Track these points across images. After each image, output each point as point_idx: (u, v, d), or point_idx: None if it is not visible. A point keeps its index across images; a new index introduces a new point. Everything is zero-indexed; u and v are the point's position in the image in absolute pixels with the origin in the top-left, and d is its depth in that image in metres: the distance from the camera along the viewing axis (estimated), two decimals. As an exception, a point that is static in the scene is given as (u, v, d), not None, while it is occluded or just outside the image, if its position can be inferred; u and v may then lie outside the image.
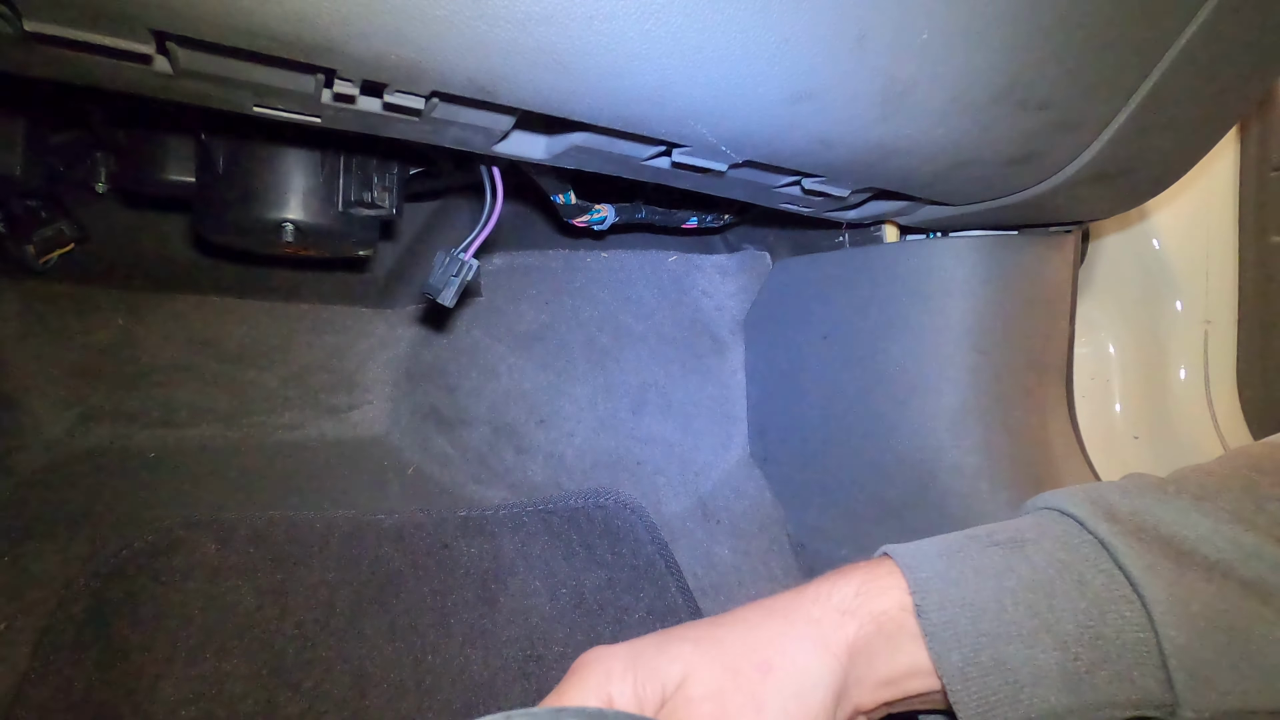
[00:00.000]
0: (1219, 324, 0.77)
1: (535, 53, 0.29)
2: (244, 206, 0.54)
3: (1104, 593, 0.32)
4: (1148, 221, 0.77)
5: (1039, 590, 0.32)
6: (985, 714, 0.31)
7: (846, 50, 0.32)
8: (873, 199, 0.53)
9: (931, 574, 0.33)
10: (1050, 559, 0.33)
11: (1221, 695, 0.30)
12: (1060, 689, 0.31)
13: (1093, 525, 0.33)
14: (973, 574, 0.33)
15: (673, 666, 0.32)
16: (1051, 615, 0.32)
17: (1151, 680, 0.31)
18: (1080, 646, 0.31)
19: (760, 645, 0.32)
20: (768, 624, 0.33)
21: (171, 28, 0.27)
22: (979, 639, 0.31)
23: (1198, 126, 0.45)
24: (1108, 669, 0.31)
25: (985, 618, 0.32)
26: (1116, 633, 0.31)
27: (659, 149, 0.41)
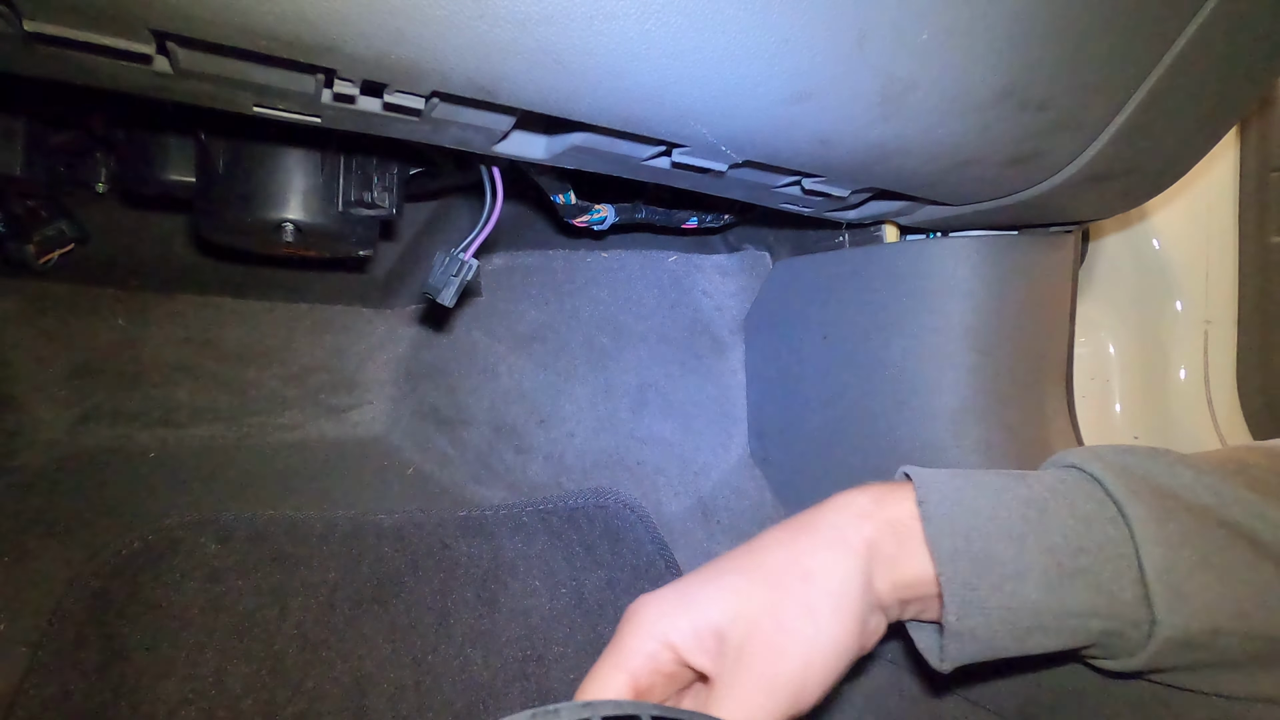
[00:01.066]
0: (1219, 324, 0.77)
1: (536, 53, 0.29)
2: (244, 206, 0.54)
3: (1093, 514, 0.34)
4: (1148, 222, 0.77)
5: (1033, 505, 0.35)
6: (967, 597, 0.33)
7: (846, 50, 0.32)
8: (873, 199, 0.53)
9: (937, 481, 0.36)
10: (1046, 486, 0.36)
11: (1194, 613, 0.32)
12: (1041, 587, 0.33)
13: (1087, 467, 0.36)
14: (974, 487, 0.36)
15: (724, 597, 0.35)
16: (1042, 525, 0.34)
17: (1129, 594, 0.33)
18: (1064, 555, 0.34)
19: (798, 558, 0.35)
20: (799, 539, 0.36)
21: (172, 28, 0.27)
22: (971, 531, 0.34)
23: (1198, 126, 0.45)
24: (1088, 578, 0.33)
25: (980, 517, 0.35)
26: (1099, 547, 0.34)
27: (659, 149, 0.41)
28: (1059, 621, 0.34)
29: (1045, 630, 0.34)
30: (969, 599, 0.34)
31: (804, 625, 0.33)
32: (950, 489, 0.36)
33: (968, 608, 0.34)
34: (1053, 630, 0.34)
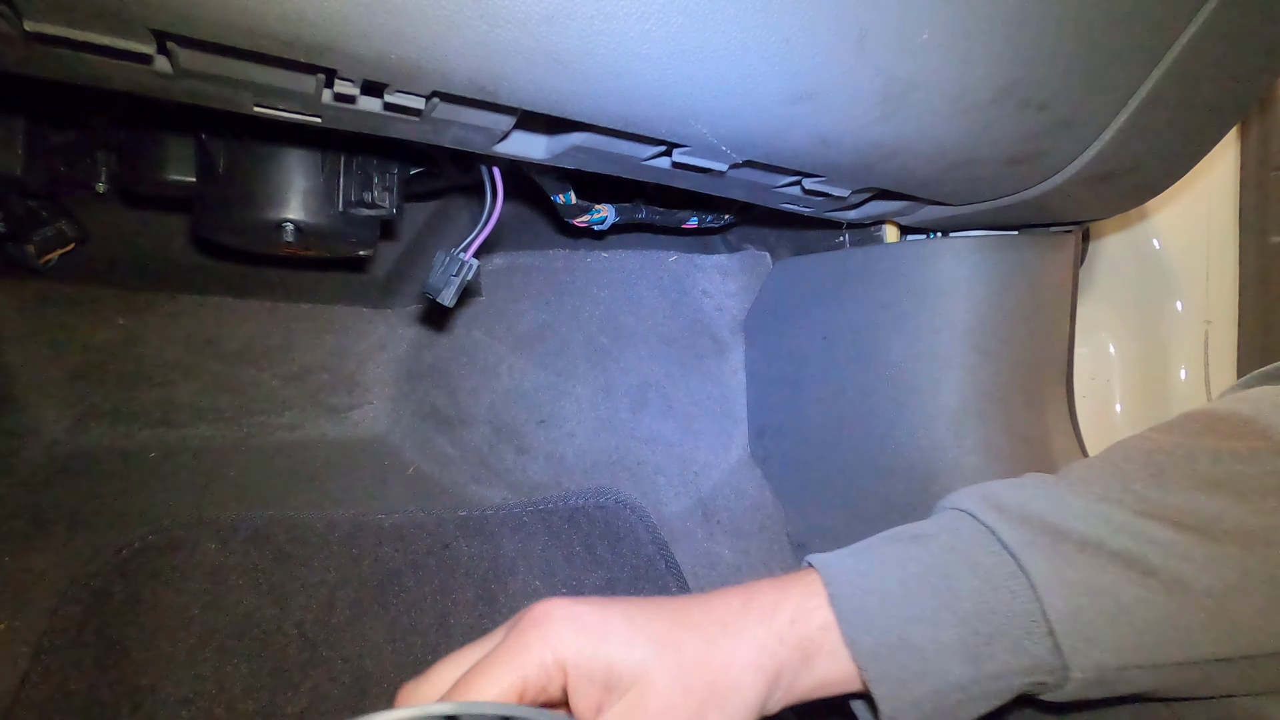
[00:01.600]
0: (1219, 324, 0.77)
1: (536, 53, 0.29)
2: (244, 206, 0.54)
3: (994, 570, 0.35)
4: (1148, 222, 0.77)
5: (937, 573, 0.36)
6: (897, 692, 0.34)
7: (847, 50, 0.32)
8: (873, 199, 0.53)
9: (843, 569, 0.37)
10: (945, 547, 0.37)
11: (1102, 653, 0.33)
12: (962, 661, 0.34)
13: (982, 515, 0.37)
14: (879, 565, 0.37)
15: (631, 665, 0.34)
16: (950, 594, 0.35)
17: (1041, 647, 0.34)
18: (978, 621, 0.34)
19: (711, 665, 0.35)
20: (721, 643, 0.35)
21: (172, 27, 0.27)
22: (888, 622, 0.35)
23: (1198, 127, 0.45)
24: (1003, 640, 0.34)
25: (891, 602, 0.35)
26: (1007, 605, 0.34)
27: (659, 149, 0.41)
28: (983, 687, 0.35)
29: (974, 699, 0.35)
30: (899, 694, 0.35)
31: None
32: (855, 574, 0.36)
33: (899, 703, 0.35)
34: (979, 696, 0.35)
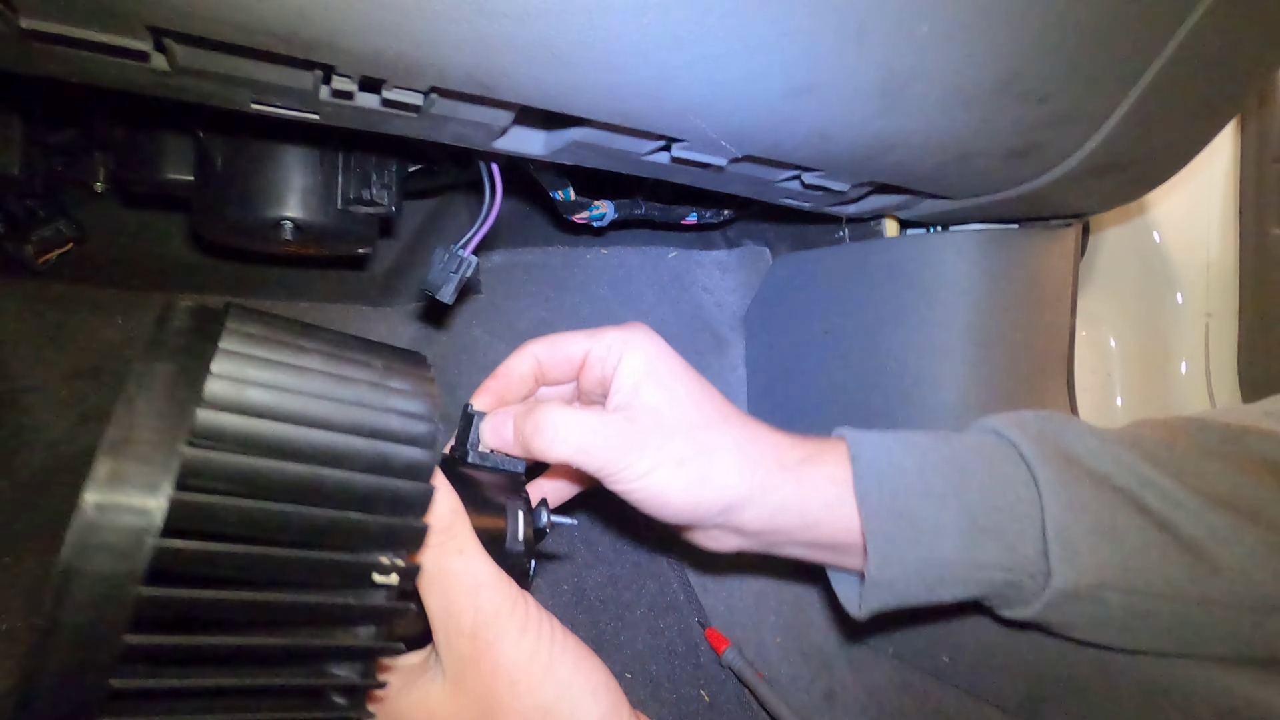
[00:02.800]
0: (1220, 317, 0.77)
1: (533, 47, 0.29)
2: (243, 205, 0.54)
3: (1007, 474, 0.38)
4: (1148, 214, 0.77)
5: (954, 464, 0.38)
6: (888, 551, 0.37)
7: (846, 43, 0.31)
8: (873, 193, 0.53)
9: (869, 439, 0.40)
10: (968, 446, 0.39)
11: (1084, 570, 0.36)
12: (956, 543, 0.37)
13: (1007, 433, 0.40)
14: (902, 445, 0.39)
15: (651, 384, 0.40)
16: (961, 484, 0.38)
17: (1032, 549, 0.36)
18: (980, 513, 0.37)
19: (710, 429, 0.40)
20: (726, 430, 0.41)
21: (168, 24, 0.27)
22: (897, 489, 0.38)
23: (1198, 118, 0.44)
24: (999, 534, 0.37)
25: (906, 475, 0.38)
26: (1011, 505, 0.37)
27: (658, 144, 0.41)
28: (968, 573, 0.37)
29: (955, 581, 0.37)
30: (889, 553, 0.37)
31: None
32: (881, 448, 0.39)
33: (888, 560, 0.37)
34: (961, 581, 0.37)
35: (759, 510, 0.39)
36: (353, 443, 0.27)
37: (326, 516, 0.26)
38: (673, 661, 0.69)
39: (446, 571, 0.32)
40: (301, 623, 0.28)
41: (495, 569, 0.33)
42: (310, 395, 0.27)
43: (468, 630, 0.31)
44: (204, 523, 0.24)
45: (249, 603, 0.25)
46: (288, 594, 0.26)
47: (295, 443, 0.26)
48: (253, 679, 0.26)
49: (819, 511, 0.39)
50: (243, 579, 0.25)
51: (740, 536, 0.41)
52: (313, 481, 0.26)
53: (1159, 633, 0.38)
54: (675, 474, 0.38)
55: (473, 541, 0.32)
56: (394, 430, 0.28)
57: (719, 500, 0.38)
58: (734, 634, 0.70)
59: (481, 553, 0.33)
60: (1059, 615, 0.38)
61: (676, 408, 0.39)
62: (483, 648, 0.31)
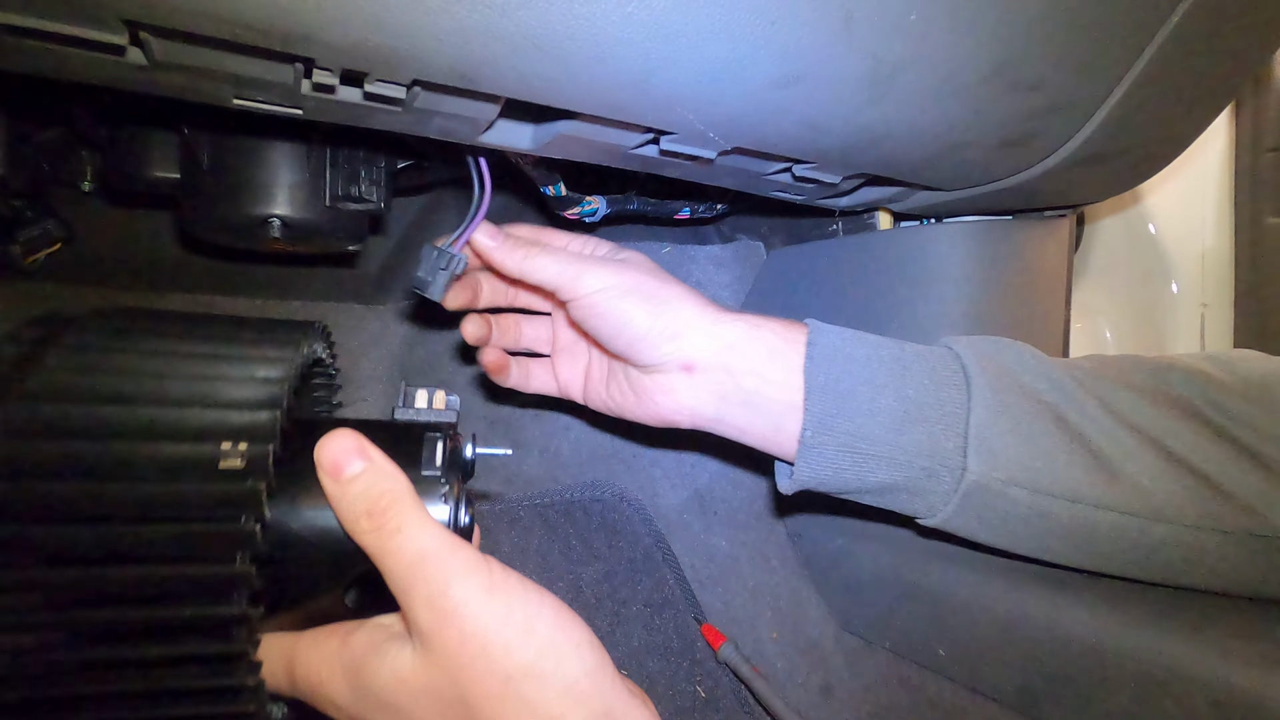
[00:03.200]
0: (1215, 307, 0.76)
1: (515, 37, 0.28)
2: (230, 202, 0.53)
3: (946, 379, 0.42)
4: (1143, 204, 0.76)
5: (901, 363, 0.43)
6: (823, 421, 0.41)
7: (833, 32, 0.31)
8: (865, 185, 0.53)
9: (830, 329, 0.44)
10: (917, 353, 0.44)
11: (996, 465, 0.40)
12: (886, 427, 0.41)
13: (954, 346, 0.44)
14: (857, 340, 0.44)
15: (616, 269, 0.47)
16: (902, 379, 0.42)
17: (952, 445, 0.41)
18: (914, 405, 0.41)
19: (673, 286, 0.47)
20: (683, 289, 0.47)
21: (143, 17, 0.27)
22: (842, 374, 0.42)
23: (1192, 106, 0.44)
24: (926, 426, 0.41)
25: (854, 363, 0.42)
26: (941, 404, 0.41)
27: (647, 136, 0.40)
28: (893, 454, 0.41)
29: (880, 460, 0.41)
30: (824, 422, 0.41)
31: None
32: (836, 336, 0.44)
33: (820, 430, 0.41)
34: (886, 461, 0.41)
35: (709, 342, 0.44)
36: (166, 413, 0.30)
37: (146, 532, 0.29)
38: (669, 658, 0.69)
39: (387, 553, 0.31)
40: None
41: (443, 537, 0.32)
42: (115, 406, 0.30)
43: (424, 602, 0.31)
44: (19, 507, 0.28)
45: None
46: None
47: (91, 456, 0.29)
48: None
49: (764, 360, 0.43)
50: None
51: (689, 381, 0.45)
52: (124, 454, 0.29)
53: (1057, 534, 0.41)
54: (634, 293, 0.44)
55: (409, 516, 0.32)
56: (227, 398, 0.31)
57: (675, 319, 0.44)
58: (730, 630, 0.70)
59: (423, 523, 0.32)
60: (969, 517, 0.42)
61: (640, 260, 0.48)
62: (444, 617, 0.30)
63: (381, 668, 0.31)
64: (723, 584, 0.73)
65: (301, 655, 0.33)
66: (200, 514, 0.29)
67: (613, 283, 0.44)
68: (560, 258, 0.45)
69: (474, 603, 0.31)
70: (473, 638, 0.30)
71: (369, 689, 0.32)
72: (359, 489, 0.32)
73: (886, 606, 0.58)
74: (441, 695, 0.31)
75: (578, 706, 0.30)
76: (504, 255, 0.46)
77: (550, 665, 0.31)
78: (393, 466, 0.34)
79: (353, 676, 0.32)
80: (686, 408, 0.46)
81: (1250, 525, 0.39)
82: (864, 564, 0.61)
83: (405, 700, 0.31)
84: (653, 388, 0.46)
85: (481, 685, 0.30)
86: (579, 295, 0.45)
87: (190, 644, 0.30)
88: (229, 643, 0.30)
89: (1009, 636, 0.48)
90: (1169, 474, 0.40)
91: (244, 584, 0.29)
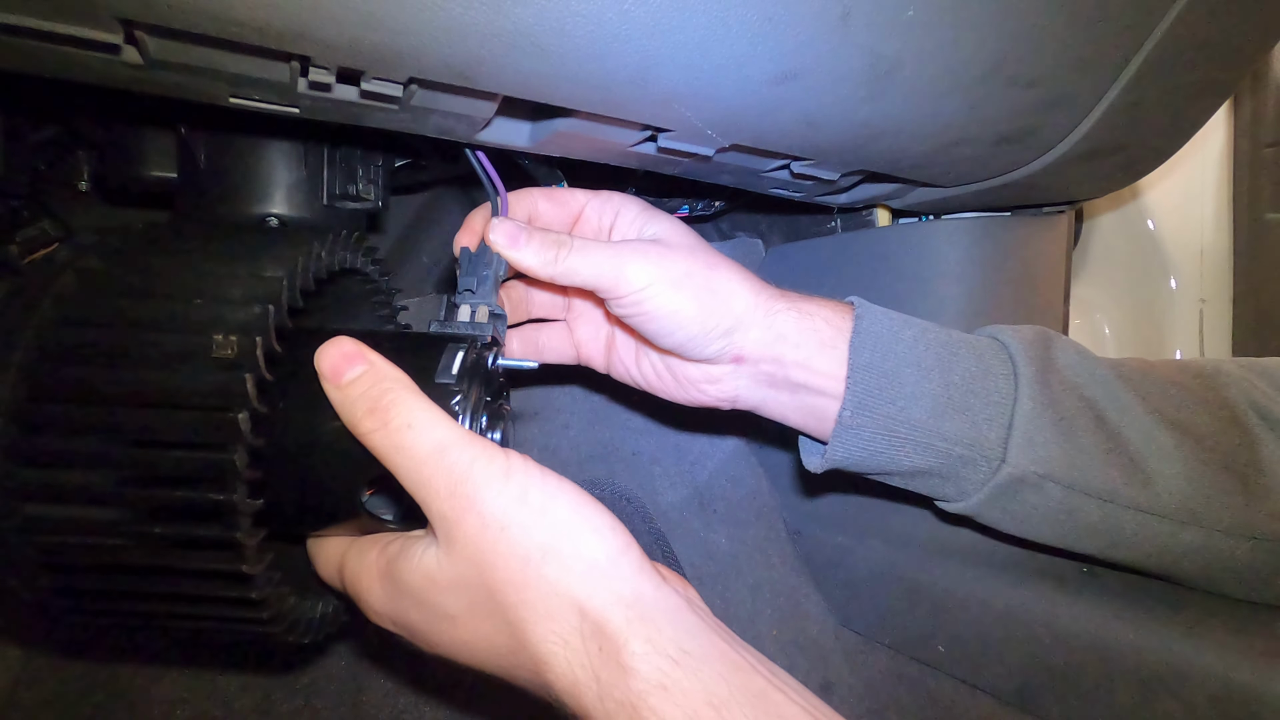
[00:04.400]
0: (1214, 303, 0.76)
1: (512, 35, 0.28)
2: (227, 201, 0.53)
3: (993, 367, 0.41)
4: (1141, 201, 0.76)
5: (949, 348, 0.42)
6: (864, 400, 0.40)
7: (830, 28, 0.31)
8: (863, 182, 0.53)
9: (877, 310, 0.43)
10: (963, 339, 0.43)
11: (1035, 459, 0.39)
12: (929, 410, 0.40)
13: (1001, 335, 0.44)
14: (905, 322, 0.43)
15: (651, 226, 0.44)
16: (949, 363, 0.41)
17: (994, 434, 0.40)
18: (958, 391, 0.41)
19: (718, 265, 0.43)
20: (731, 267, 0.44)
21: (138, 15, 0.27)
22: (888, 352, 0.41)
23: (1189, 102, 0.44)
24: (969, 414, 0.40)
25: (901, 344, 0.41)
26: (987, 392, 0.41)
27: (645, 134, 0.40)
28: (931, 440, 0.40)
29: (917, 445, 0.40)
30: (864, 402, 0.40)
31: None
32: (884, 317, 0.43)
33: (860, 410, 0.40)
34: (923, 447, 0.40)
35: (762, 334, 0.42)
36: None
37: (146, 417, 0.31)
38: (669, 655, 0.69)
39: (402, 448, 0.31)
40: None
41: (458, 430, 0.32)
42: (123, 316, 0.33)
43: (445, 493, 0.30)
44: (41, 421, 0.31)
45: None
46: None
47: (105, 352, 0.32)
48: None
49: (815, 352, 0.41)
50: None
51: (737, 371, 0.43)
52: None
53: (1083, 532, 0.41)
54: (684, 286, 0.40)
55: (420, 412, 0.32)
56: (217, 323, 0.32)
57: (728, 315, 0.41)
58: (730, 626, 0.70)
59: (435, 418, 0.32)
60: (997, 507, 0.41)
61: (679, 237, 0.43)
62: (465, 504, 0.30)
63: (412, 570, 0.32)
64: (723, 581, 0.73)
65: (349, 562, 0.34)
66: (195, 402, 0.31)
67: (657, 275, 0.40)
68: (594, 254, 0.40)
69: (492, 486, 0.30)
70: (492, 521, 0.30)
71: (402, 592, 0.32)
72: (359, 390, 0.32)
73: (886, 604, 0.58)
74: (468, 586, 0.30)
75: (602, 588, 0.30)
76: (532, 260, 0.40)
77: (569, 546, 0.30)
78: (394, 369, 0.33)
79: (387, 582, 0.33)
80: (730, 395, 0.44)
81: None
82: (864, 561, 0.61)
83: (435, 597, 0.31)
84: (699, 377, 0.44)
85: (504, 569, 0.30)
86: (622, 295, 0.40)
87: (194, 528, 0.32)
88: (229, 529, 0.31)
89: (1009, 633, 0.48)
90: (1206, 476, 0.39)
91: (232, 473, 0.31)
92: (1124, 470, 0.39)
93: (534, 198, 0.46)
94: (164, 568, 0.32)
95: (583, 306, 0.50)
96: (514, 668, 0.31)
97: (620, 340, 0.48)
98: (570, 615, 0.29)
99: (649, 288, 0.40)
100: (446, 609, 0.31)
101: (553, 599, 0.29)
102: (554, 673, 0.29)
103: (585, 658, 0.29)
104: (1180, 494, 0.39)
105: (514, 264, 0.41)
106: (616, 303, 0.41)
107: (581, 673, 0.28)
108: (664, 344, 0.42)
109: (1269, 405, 0.41)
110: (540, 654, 0.29)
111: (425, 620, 0.32)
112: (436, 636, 0.32)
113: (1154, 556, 0.41)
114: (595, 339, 0.49)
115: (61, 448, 0.31)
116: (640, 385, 0.48)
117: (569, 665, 0.29)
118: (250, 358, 0.31)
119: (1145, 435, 0.40)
